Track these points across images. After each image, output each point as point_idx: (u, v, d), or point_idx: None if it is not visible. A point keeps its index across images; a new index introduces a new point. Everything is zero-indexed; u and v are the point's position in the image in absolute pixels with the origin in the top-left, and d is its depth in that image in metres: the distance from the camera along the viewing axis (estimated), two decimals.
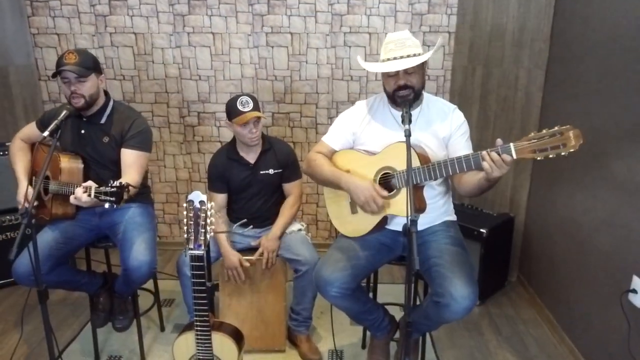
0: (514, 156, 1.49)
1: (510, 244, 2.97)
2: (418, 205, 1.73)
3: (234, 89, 3.18)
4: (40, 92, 3.23)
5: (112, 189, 1.61)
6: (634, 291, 1.88)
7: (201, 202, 1.49)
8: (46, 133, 1.80)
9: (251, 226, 2.26)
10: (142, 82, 3.20)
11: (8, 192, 2.86)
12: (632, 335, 1.88)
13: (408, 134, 1.54)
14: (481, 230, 2.69)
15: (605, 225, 2.10)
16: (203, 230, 1.49)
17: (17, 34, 3.05)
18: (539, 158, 1.46)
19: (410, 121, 1.59)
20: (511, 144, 1.49)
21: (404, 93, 1.76)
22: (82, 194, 1.70)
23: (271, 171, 2.33)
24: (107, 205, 1.62)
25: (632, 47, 1.93)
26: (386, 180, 1.81)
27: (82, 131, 2.09)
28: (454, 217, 2.02)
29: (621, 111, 1.99)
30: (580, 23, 2.36)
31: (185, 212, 1.50)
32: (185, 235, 1.50)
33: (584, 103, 2.30)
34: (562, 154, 1.43)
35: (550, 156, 1.44)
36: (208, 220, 1.49)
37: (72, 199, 1.75)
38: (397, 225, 1.90)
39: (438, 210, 1.93)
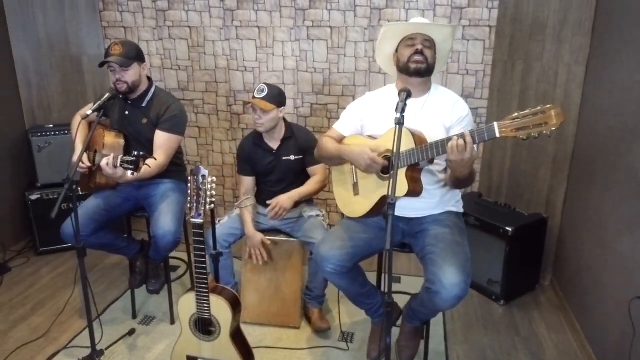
0: (497, 135, 1.50)
1: (542, 245, 2.86)
2: (412, 188, 1.77)
3: (276, 80, 3.36)
4: (109, 80, 3.61)
5: (132, 158, 1.83)
6: None
7: (203, 177, 1.66)
8: (89, 111, 2.08)
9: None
10: (194, 72, 3.48)
11: None
12: (636, 343, 1.79)
13: (398, 122, 1.59)
14: (507, 228, 2.63)
15: (627, 227, 2.00)
16: (203, 202, 1.66)
17: (90, 27, 3.46)
18: (522, 137, 1.46)
19: (403, 110, 1.64)
20: (495, 123, 1.50)
21: (419, 58, 1.84)
22: (104, 164, 2.02)
23: (292, 157, 2.47)
24: (129, 174, 1.85)
25: None
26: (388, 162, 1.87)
27: (126, 112, 2.37)
28: (458, 209, 2.02)
29: None
30: (621, 14, 2.24)
31: (189, 185, 1.68)
32: (189, 205, 1.68)
33: (617, 99, 2.18)
34: (545, 132, 1.42)
35: (533, 135, 1.44)
36: (208, 193, 1.66)
37: (102, 165, 2.03)
38: (396, 210, 1.95)
39: (439, 198, 1.95)
